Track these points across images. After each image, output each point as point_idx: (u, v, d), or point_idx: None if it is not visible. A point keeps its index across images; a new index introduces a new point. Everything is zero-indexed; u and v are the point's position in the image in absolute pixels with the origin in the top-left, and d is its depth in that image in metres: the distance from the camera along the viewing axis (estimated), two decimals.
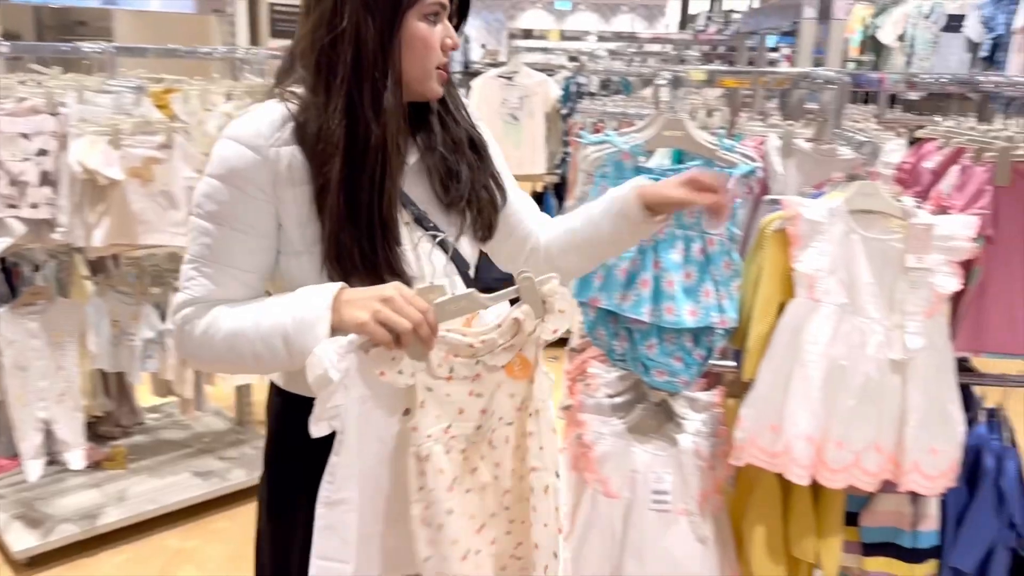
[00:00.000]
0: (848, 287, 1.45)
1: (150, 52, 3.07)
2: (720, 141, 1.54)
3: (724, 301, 1.49)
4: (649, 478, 1.64)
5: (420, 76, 1.24)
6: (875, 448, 1.49)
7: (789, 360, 1.46)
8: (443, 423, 1.20)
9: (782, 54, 6.26)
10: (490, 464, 1.25)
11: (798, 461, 1.48)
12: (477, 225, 1.34)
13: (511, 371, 1.23)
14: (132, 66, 3.01)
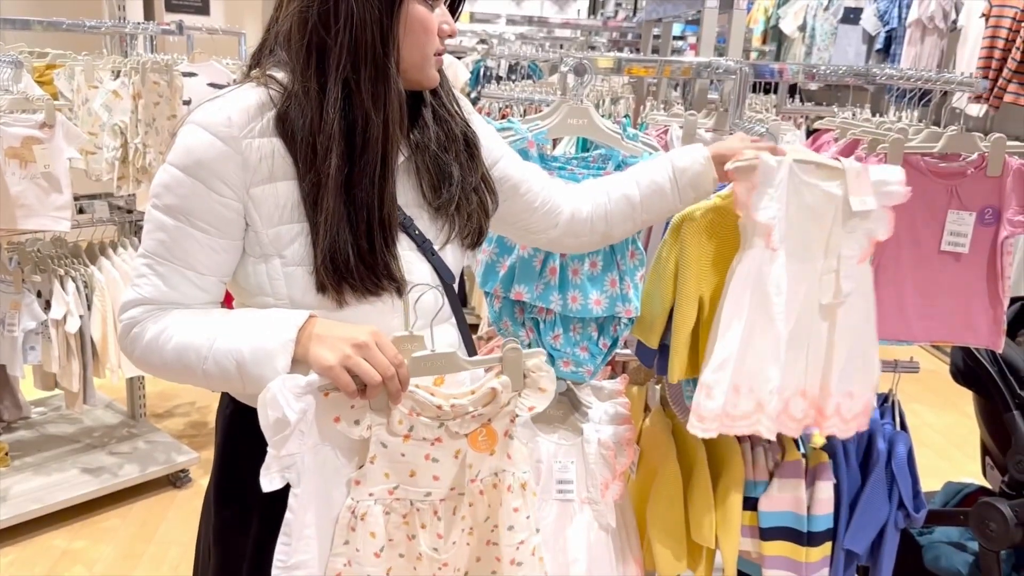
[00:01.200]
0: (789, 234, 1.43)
1: (33, 24, 2.88)
2: (624, 130, 1.53)
3: (629, 291, 1.49)
4: (554, 468, 1.63)
5: (419, 62, 1.14)
6: (800, 394, 1.49)
7: (752, 316, 1.42)
8: (390, 483, 1.14)
9: (688, 43, 6.36)
10: (431, 535, 1.18)
11: (771, 415, 1.46)
12: (466, 231, 1.25)
13: (474, 441, 1.17)
14: (12, 40, 2.82)
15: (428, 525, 1.18)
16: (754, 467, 1.68)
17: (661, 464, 1.67)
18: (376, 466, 1.13)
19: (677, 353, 1.50)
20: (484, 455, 1.18)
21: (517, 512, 1.21)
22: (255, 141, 1.06)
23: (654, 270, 1.54)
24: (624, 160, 1.48)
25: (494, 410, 1.15)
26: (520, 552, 1.23)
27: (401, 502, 1.16)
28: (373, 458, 1.12)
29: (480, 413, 1.15)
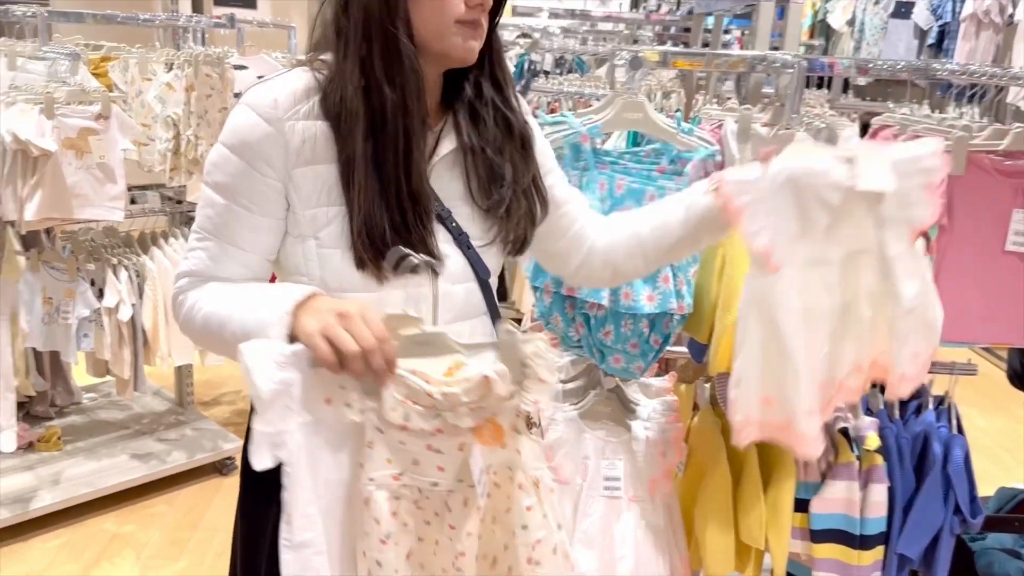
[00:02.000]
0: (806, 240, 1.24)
1: (87, 17, 2.93)
2: (678, 124, 1.52)
3: (682, 287, 1.47)
4: (601, 465, 1.62)
5: (436, 32, 1.10)
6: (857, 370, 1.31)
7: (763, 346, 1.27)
8: (393, 469, 1.09)
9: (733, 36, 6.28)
10: (443, 525, 1.13)
11: (806, 436, 1.29)
12: (511, 236, 1.21)
13: (480, 435, 1.10)
14: (68, 32, 2.87)
15: (440, 514, 1.13)
16: (806, 468, 1.65)
17: (710, 463, 1.66)
18: (376, 451, 1.08)
19: (717, 344, 1.49)
20: (495, 448, 1.11)
21: (531, 511, 1.14)
22: (299, 123, 1.08)
23: (704, 264, 1.52)
24: (679, 155, 1.46)
25: (493, 403, 1.08)
26: (537, 551, 1.15)
27: (410, 488, 1.11)
28: (371, 443, 1.08)
29: (479, 406, 1.07)
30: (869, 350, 1.32)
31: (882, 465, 1.65)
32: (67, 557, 2.61)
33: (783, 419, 1.29)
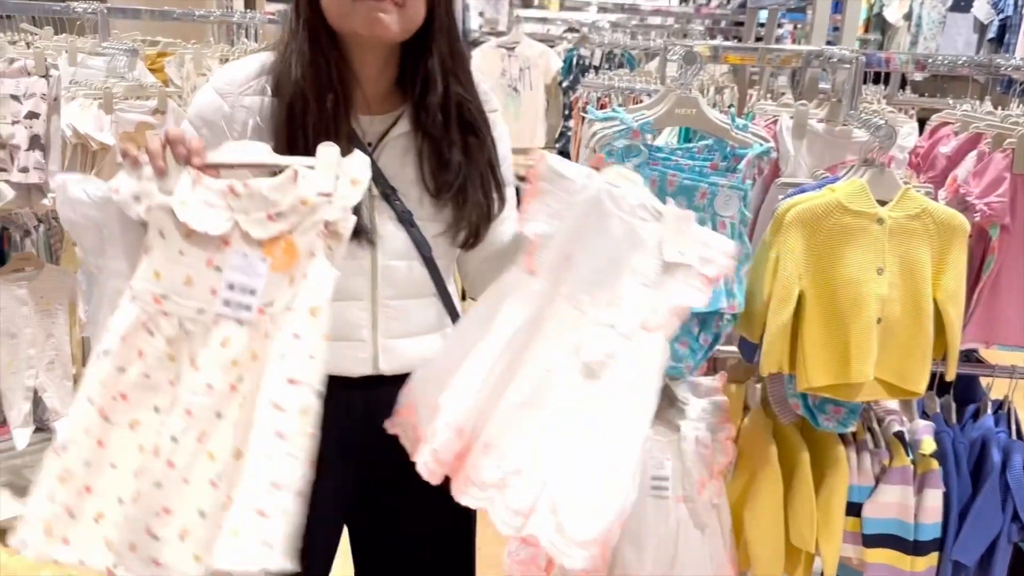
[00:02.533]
0: (574, 267, 1.15)
1: (144, 14, 2.99)
2: (732, 120, 1.49)
3: (734, 286, 1.45)
4: (649, 464, 1.61)
5: (338, 13, 1.14)
6: (528, 469, 1.11)
7: (476, 332, 1.16)
8: (159, 287, 0.98)
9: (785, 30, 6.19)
10: (191, 368, 0.98)
11: (439, 455, 1.12)
12: (463, 225, 1.24)
13: (270, 252, 0.99)
14: (126, 28, 2.93)
15: (193, 357, 0.99)
16: (859, 471, 1.62)
17: (761, 465, 1.63)
18: (149, 259, 0.99)
19: (769, 344, 1.46)
20: (282, 281, 0.99)
21: (297, 340, 0.96)
22: (247, 98, 1.19)
23: (756, 261, 1.50)
24: (733, 151, 1.44)
25: (293, 211, 0.99)
26: (286, 393, 0.93)
27: (169, 319, 0.99)
28: (148, 248, 0.99)
29: (279, 213, 0.99)
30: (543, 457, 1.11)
31: (937, 470, 1.61)
32: None
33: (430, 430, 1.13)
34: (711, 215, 1.44)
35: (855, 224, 1.43)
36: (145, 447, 0.97)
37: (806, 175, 1.76)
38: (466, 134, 1.23)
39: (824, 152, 1.79)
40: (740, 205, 1.44)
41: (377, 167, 1.21)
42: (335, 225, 1.01)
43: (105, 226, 1.02)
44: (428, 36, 1.19)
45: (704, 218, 1.45)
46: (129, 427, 0.97)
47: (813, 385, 1.47)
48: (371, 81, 1.22)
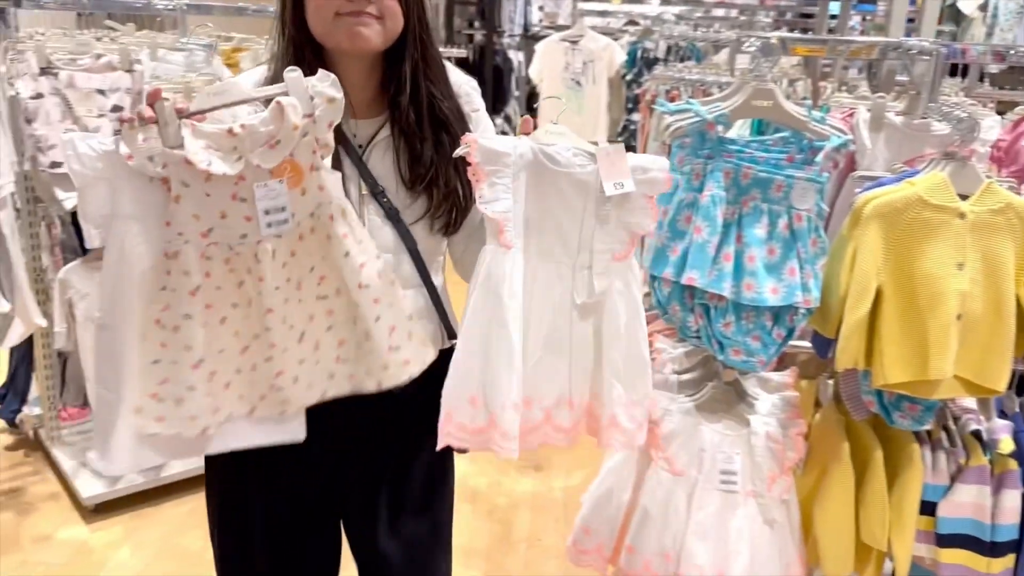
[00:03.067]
0: (537, 229, 1.32)
1: (217, 10, 3.07)
2: (809, 112, 1.48)
3: (809, 280, 1.44)
4: (717, 458, 1.61)
5: (322, 31, 1.26)
6: (567, 403, 1.39)
7: (487, 321, 1.30)
8: (202, 225, 1.17)
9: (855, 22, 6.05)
10: (255, 279, 1.21)
11: (508, 434, 1.30)
12: (438, 212, 1.36)
13: (280, 175, 1.19)
14: (202, 23, 3.02)
15: (252, 270, 1.20)
16: (934, 470, 1.60)
17: (832, 461, 1.62)
18: (183, 206, 1.15)
19: (845, 339, 1.44)
20: (297, 194, 1.19)
21: (347, 237, 1.23)
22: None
23: (833, 254, 1.48)
24: (811, 144, 1.43)
25: (288, 135, 1.15)
26: (364, 274, 1.24)
27: (219, 246, 1.19)
28: (177, 198, 1.15)
29: (277, 141, 1.15)
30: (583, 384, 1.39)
31: (1016, 470, 1.57)
32: (195, 522, 2.76)
33: (485, 420, 1.32)
34: (787, 208, 1.43)
35: (936, 218, 1.41)
36: (240, 333, 1.23)
37: (883, 168, 1.73)
38: (438, 130, 1.34)
39: (902, 145, 1.76)
40: (817, 198, 1.43)
41: (366, 167, 1.33)
42: (324, 139, 1.19)
43: (114, 178, 1.14)
44: (403, 45, 1.31)
45: (779, 211, 1.44)
46: (220, 323, 1.21)
47: (889, 382, 1.45)
48: (357, 89, 1.32)
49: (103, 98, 2.32)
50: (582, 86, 4.75)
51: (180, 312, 1.18)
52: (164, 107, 1.12)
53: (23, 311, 2.44)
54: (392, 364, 1.29)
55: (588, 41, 4.70)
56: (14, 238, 2.39)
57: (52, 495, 2.90)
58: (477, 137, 1.27)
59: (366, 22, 1.24)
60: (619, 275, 1.37)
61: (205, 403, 1.21)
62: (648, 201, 1.35)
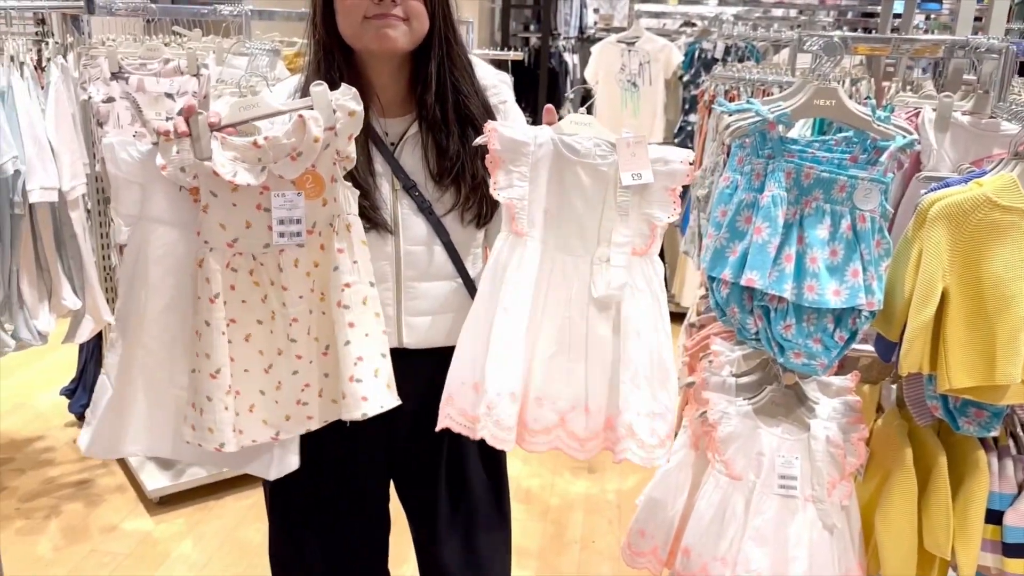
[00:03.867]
0: (556, 220, 1.31)
1: (280, 15, 3.14)
2: (873, 112, 1.45)
3: (873, 282, 1.42)
4: (776, 462, 1.59)
5: (351, 32, 1.31)
6: (583, 409, 1.34)
7: (492, 307, 1.30)
8: (228, 235, 1.21)
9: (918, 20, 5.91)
10: (278, 289, 1.24)
11: (502, 423, 1.29)
12: (468, 204, 1.40)
13: (302, 186, 1.21)
14: (265, 29, 3.08)
15: (275, 281, 1.23)
16: (1000, 478, 1.56)
17: (895, 467, 1.59)
18: (210, 216, 1.20)
19: (910, 342, 1.41)
20: (318, 205, 1.22)
21: (342, 253, 1.23)
22: None
23: (897, 256, 1.46)
24: (875, 143, 1.40)
25: (309, 146, 1.18)
26: (346, 295, 1.23)
27: (244, 256, 1.22)
28: (206, 207, 1.19)
29: (299, 153, 1.18)
30: (600, 389, 1.35)
31: None
32: (256, 515, 2.82)
33: (484, 407, 1.31)
34: (850, 208, 1.41)
35: (1005, 220, 1.37)
36: (264, 351, 1.26)
37: (949, 169, 1.69)
38: (464, 125, 1.39)
39: (969, 145, 1.72)
40: (881, 199, 1.40)
41: (398, 163, 1.38)
42: (345, 151, 1.23)
43: (147, 182, 1.21)
44: (429, 44, 1.36)
45: (842, 212, 1.42)
46: (245, 340, 1.25)
47: (955, 387, 1.41)
48: (386, 89, 1.39)
49: (171, 101, 2.39)
50: (638, 87, 4.73)
51: (200, 319, 1.22)
52: (198, 121, 1.16)
53: (94, 308, 2.53)
54: (348, 394, 1.26)
55: (644, 42, 4.68)
56: (86, 238, 2.47)
57: (119, 487, 2.99)
58: (497, 126, 1.29)
59: (393, 24, 1.29)
60: (639, 271, 1.35)
61: (223, 417, 1.23)
62: (669, 193, 1.33)
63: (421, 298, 1.45)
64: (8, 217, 2.24)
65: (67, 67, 2.44)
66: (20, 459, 3.17)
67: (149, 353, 1.25)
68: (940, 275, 1.38)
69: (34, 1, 2.54)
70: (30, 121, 2.23)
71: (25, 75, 2.28)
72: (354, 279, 1.25)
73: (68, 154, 2.32)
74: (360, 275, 1.26)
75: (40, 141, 2.25)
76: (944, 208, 1.38)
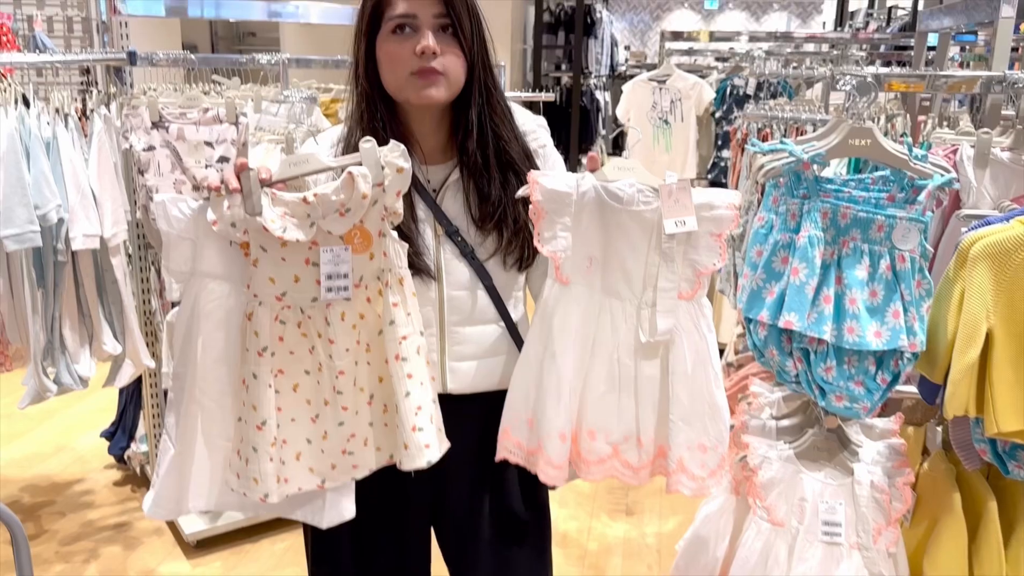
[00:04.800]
0: (601, 265, 1.35)
1: (316, 63, 3.20)
2: (910, 150, 1.44)
3: (914, 323, 1.39)
4: (820, 508, 1.55)
5: (395, 86, 1.35)
6: (636, 442, 1.39)
7: (541, 352, 1.36)
8: (277, 289, 1.22)
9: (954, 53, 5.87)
10: (325, 341, 1.25)
11: (551, 461, 1.36)
12: (510, 248, 1.41)
13: (350, 241, 1.23)
14: (302, 76, 3.14)
15: (323, 334, 1.24)
16: None
17: (943, 513, 1.54)
18: (260, 270, 1.21)
19: (955, 384, 1.38)
20: (365, 259, 1.23)
21: (396, 307, 1.25)
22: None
23: (939, 296, 1.43)
24: (912, 182, 1.38)
25: (358, 203, 1.19)
26: (404, 347, 1.25)
27: (292, 310, 1.23)
28: (256, 262, 1.21)
29: (348, 209, 1.19)
30: (651, 423, 1.38)
31: None
32: (292, 559, 2.81)
33: (536, 444, 1.36)
34: (889, 248, 1.39)
35: None
36: (312, 400, 1.27)
37: (990, 206, 1.66)
38: (505, 171, 1.41)
39: (1009, 182, 1.69)
40: (920, 238, 1.38)
41: (440, 210, 1.40)
42: (393, 207, 1.24)
43: (198, 238, 1.23)
44: (469, 92, 1.38)
45: (880, 251, 1.40)
46: (292, 390, 1.26)
47: (1003, 430, 1.37)
48: (427, 137, 1.42)
49: (210, 149, 2.44)
50: (670, 124, 4.73)
51: (248, 370, 1.23)
52: (250, 177, 1.18)
53: (134, 353, 2.56)
54: (412, 445, 1.28)
55: (676, 80, 4.69)
56: (127, 283, 2.51)
57: (156, 530, 3.00)
58: (539, 177, 1.31)
59: (434, 81, 1.33)
60: (686, 314, 1.36)
61: (268, 468, 1.24)
62: (715, 239, 1.34)
63: (465, 343, 1.45)
64: (52, 264, 2.29)
65: (110, 117, 2.50)
66: (60, 502, 3.20)
67: (204, 409, 1.27)
68: (984, 315, 1.35)
69: (79, 54, 2.61)
70: (73, 170, 2.28)
71: (70, 126, 2.34)
72: (409, 331, 1.26)
73: (110, 202, 2.37)
74: (413, 326, 1.28)
75: (83, 189, 2.31)
76: (986, 247, 1.35)
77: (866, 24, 9.00)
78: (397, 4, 1.33)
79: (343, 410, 1.28)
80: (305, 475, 1.29)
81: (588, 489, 3.13)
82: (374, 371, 1.29)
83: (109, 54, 2.68)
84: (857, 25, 9.21)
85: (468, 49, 1.36)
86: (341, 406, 1.28)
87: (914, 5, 9.16)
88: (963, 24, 2.46)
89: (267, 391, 1.23)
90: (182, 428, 1.27)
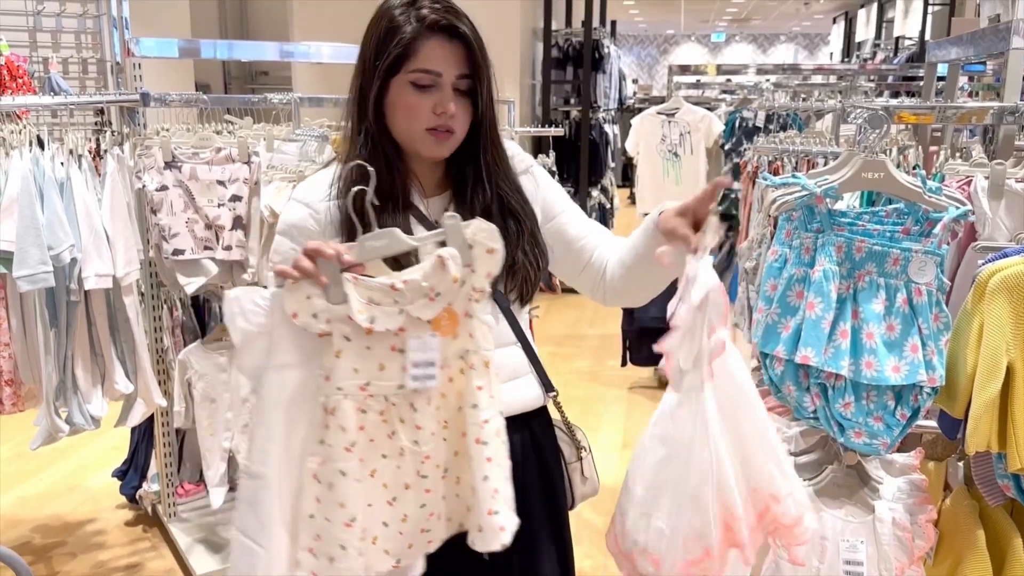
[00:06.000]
0: None
1: (328, 102, 3.22)
2: (923, 182, 1.43)
3: (933, 357, 1.37)
4: (841, 547, 1.52)
5: (406, 137, 1.34)
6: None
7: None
8: (360, 379, 1.16)
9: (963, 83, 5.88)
10: (410, 427, 1.20)
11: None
12: (513, 284, 1.40)
13: (438, 326, 1.18)
14: (314, 115, 3.17)
15: (406, 420, 1.19)
16: None
17: (966, 550, 1.51)
18: (343, 361, 1.15)
19: (976, 419, 1.36)
20: (449, 340, 1.19)
21: (481, 391, 1.20)
22: (326, 203, 1.34)
23: (957, 330, 1.41)
24: (927, 215, 1.37)
25: (447, 287, 1.15)
26: (485, 431, 1.20)
27: (375, 398, 1.17)
28: (338, 352, 1.15)
29: (438, 293, 1.15)
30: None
31: None
32: None
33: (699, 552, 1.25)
34: (904, 282, 1.38)
35: None
36: (389, 484, 1.22)
37: (1006, 238, 1.65)
38: (507, 219, 1.40)
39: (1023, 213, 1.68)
40: (937, 271, 1.37)
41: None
42: (481, 286, 1.20)
43: (273, 329, 1.16)
44: (476, 144, 1.39)
45: (896, 285, 1.39)
46: (370, 476, 1.20)
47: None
48: (427, 174, 1.42)
49: (223, 188, 2.45)
50: (679, 157, 4.75)
51: (336, 468, 1.16)
52: (329, 266, 1.13)
53: (146, 392, 2.56)
54: (487, 528, 1.22)
55: (684, 113, 4.72)
56: (139, 322, 2.52)
57: (168, 571, 2.97)
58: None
59: (447, 140, 1.34)
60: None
61: (358, 563, 1.18)
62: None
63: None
64: (65, 303, 2.30)
65: (123, 157, 2.52)
66: (72, 543, 3.18)
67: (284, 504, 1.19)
68: (1004, 349, 1.33)
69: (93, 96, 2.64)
70: (87, 210, 2.30)
71: (83, 166, 2.36)
72: (491, 414, 1.22)
73: (122, 241, 2.38)
74: (495, 408, 1.23)
75: (96, 229, 2.32)
76: (1004, 280, 1.34)
77: (873, 54, 9.04)
78: (424, 57, 1.30)
79: (426, 493, 1.23)
80: (381, 557, 1.23)
81: (602, 526, 3.08)
82: (450, 446, 1.24)
83: (123, 95, 2.71)
84: (864, 56, 9.25)
85: (481, 109, 1.36)
86: (424, 489, 1.23)
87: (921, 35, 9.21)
88: (971, 55, 2.47)
89: (356, 487, 1.17)
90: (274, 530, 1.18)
